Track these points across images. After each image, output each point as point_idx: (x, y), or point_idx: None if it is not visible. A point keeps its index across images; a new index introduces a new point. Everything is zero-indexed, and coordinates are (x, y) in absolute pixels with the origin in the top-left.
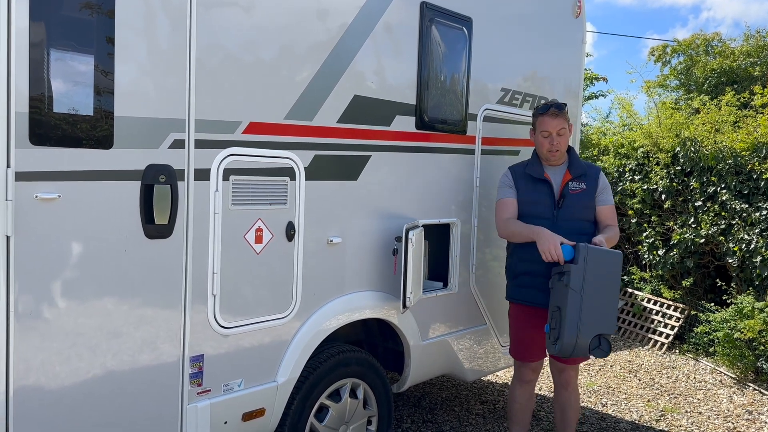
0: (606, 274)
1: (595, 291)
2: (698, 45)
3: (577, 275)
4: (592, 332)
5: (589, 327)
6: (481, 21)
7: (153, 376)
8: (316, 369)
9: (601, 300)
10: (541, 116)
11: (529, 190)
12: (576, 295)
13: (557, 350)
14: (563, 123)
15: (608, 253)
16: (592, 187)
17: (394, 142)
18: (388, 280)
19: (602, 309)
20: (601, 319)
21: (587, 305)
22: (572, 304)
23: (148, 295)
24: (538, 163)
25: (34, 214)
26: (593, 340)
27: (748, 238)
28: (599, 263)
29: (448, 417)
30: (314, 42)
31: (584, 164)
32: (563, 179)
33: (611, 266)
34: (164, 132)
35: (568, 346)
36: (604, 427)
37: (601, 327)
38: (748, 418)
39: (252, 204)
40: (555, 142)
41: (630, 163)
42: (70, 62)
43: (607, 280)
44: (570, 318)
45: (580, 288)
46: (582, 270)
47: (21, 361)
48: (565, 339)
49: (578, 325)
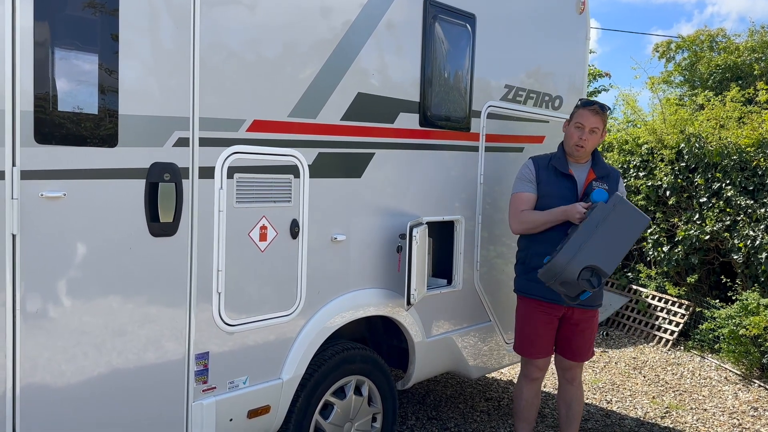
0: (626, 228)
1: (609, 234)
2: (702, 41)
3: (601, 212)
4: (587, 261)
5: (587, 256)
6: (485, 17)
7: (158, 374)
8: (321, 366)
9: (611, 244)
10: (582, 109)
11: (551, 183)
12: (590, 225)
13: (544, 269)
14: (599, 123)
15: (637, 212)
16: (614, 189)
17: (397, 139)
18: (393, 278)
19: (607, 250)
20: (602, 254)
21: (595, 240)
22: (582, 231)
23: (153, 293)
24: (564, 157)
25: (40, 213)
26: (584, 271)
27: (753, 234)
28: (625, 215)
29: (453, 414)
30: (317, 39)
31: (608, 166)
32: (587, 177)
33: (635, 224)
34: (169, 130)
35: (559, 263)
36: (608, 423)
37: (599, 260)
38: (754, 414)
39: (256, 202)
40: (584, 137)
41: (634, 159)
42: (74, 61)
43: (625, 233)
44: (573, 241)
45: (597, 222)
46: (608, 211)
47: (27, 359)
48: (559, 257)
49: (577, 251)
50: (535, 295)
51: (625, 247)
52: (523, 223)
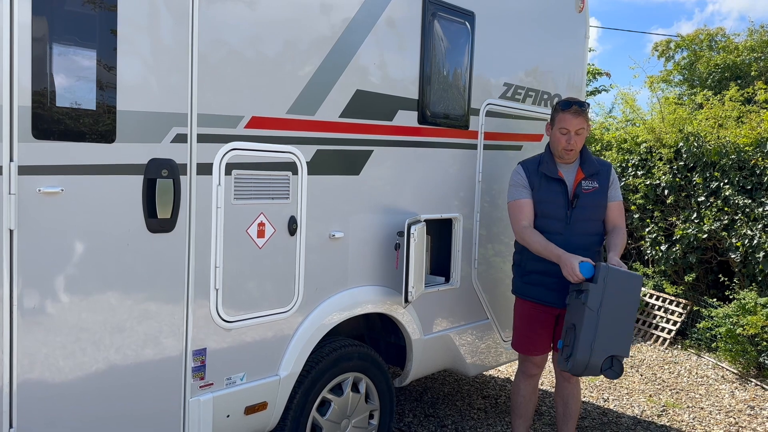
0: (624, 297)
1: (612, 312)
2: (702, 40)
3: (596, 295)
4: (606, 353)
5: (603, 348)
6: (484, 15)
7: (156, 370)
8: (319, 363)
9: (618, 322)
10: (562, 113)
11: (542, 188)
12: (593, 314)
13: (569, 368)
14: (583, 123)
15: (629, 276)
16: (605, 185)
17: (396, 136)
18: (390, 275)
19: (618, 331)
20: (615, 340)
21: (603, 326)
22: (588, 323)
23: (150, 289)
24: (552, 160)
25: (37, 208)
26: (606, 361)
27: (751, 233)
28: (619, 285)
29: (450, 411)
30: (317, 36)
31: (596, 162)
32: (576, 178)
33: (631, 289)
34: (167, 126)
35: (580, 364)
36: (605, 422)
37: (615, 349)
38: (750, 413)
39: (254, 198)
40: (572, 141)
41: (633, 158)
42: (72, 57)
43: (626, 303)
44: (584, 337)
45: (598, 308)
46: (601, 290)
47: (25, 355)
48: (578, 357)
49: (592, 345)
50: (531, 297)
51: (631, 316)
52: (524, 242)
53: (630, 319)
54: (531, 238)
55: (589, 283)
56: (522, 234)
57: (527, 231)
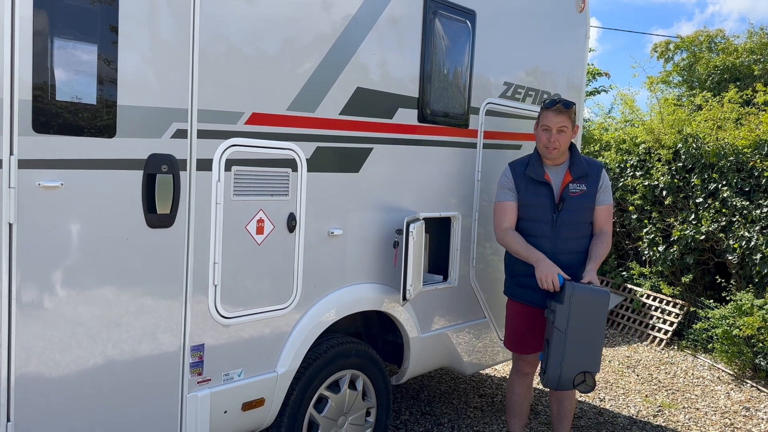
0: (591, 315)
1: (579, 330)
2: (701, 42)
3: (562, 315)
4: (576, 370)
5: (572, 364)
6: (485, 14)
7: (153, 366)
8: (316, 360)
9: (585, 339)
10: (545, 111)
11: (529, 192)
12: (560, 333)
13: (543, 382)
14: (566, 121)
15: (594, 294)
16: (593, 188)
17: (396, 134)
18: (389, 273)
19: (586, 348)
20: (584, 357)
21: (571, 343)
22: (556, 342)
23: (149, 284)
24: (539, 162)
25: (37, 202)
26: (578, 376)
27: (749, 235)
28: (585, 304)
29: (447, 410)
30: (317, 33)
31: (585, 163)
32: (563, 180)
33: (597, 307)
34: (167, 121)
35: (551, 379)
36: (601, 421)
37: (585, 365)
38: (746, 414)
39: (254, 195)
40: (553, 139)
41: (631, 158)
42: (73, 51)
43: (592, 321)
44: (554, 354)
45: (565, 327)
46: (567, 310)
47: (22, 348)
48: (549, 373)
49: (561, 363)
50: (521, 299)
51: (598, 333)
52: (504, 242)
53: (598, 336)
54: (512, 240)
55: (556, 304)
56: (503, 236)
57: (508, 233)
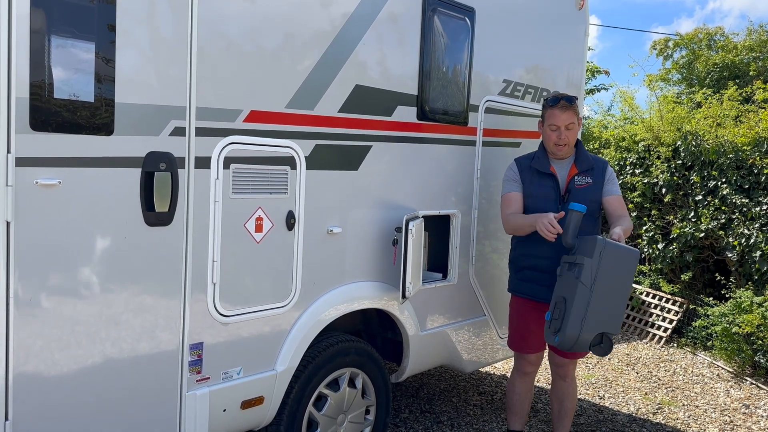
0: (620, 273)
1: (605, 288)
2: (701, 39)
3: (590, 269)
4: (596, 330)
5: (593, 324)
6: (484, 11)
7: (152, 364)
8: (315, 358)
9: (611, 298)
10: (551, 109)
11: (534, 184)
12: (585, 289)
13: (557, 342)
14: (572, 117)
15: (626, 250)
16: (599, 182)
17: (395, 132)
18: (388, 271)
19: (610, 307)
20: (607, 317)
21: (595, 301)
22: (580, 299)
23: (147, 282)
24: (545, 156)
25: (35, 200)
26: (595, 337)
27: (748, 232)
28: (615, 260)
29: (446, 407)
30: (316, 31)
31: (591, 158)
32: (569, 173)
33: (627, 265)
34: (165, 119)
35: (569, 339)
36: (601, 419)
37: (606, 326)
38: (745, 411)
39: (252, 193)
40: (563, 136)
41: (631, 156)
42: (71, 49)
43: (620, 279)
44: (575, 312)
45: (591, 283)
46: (596, 265)
47: (20, 347)
48: (567, 332)
49: (583, 321)
50: (526, 294)
51: (624, 293)
52: (508, 225)
53: (623, 296)
54: (514, 220)
55: (583, 257)
56: (507, 221)
57: (510, 216)
